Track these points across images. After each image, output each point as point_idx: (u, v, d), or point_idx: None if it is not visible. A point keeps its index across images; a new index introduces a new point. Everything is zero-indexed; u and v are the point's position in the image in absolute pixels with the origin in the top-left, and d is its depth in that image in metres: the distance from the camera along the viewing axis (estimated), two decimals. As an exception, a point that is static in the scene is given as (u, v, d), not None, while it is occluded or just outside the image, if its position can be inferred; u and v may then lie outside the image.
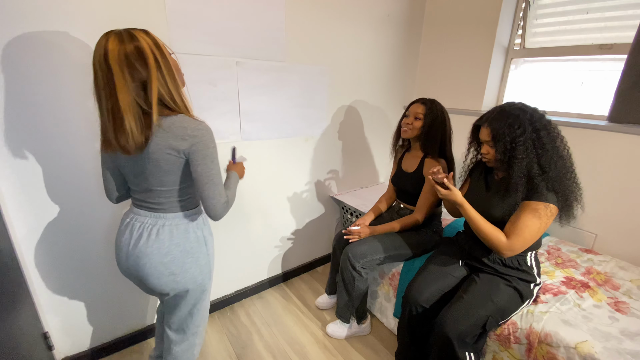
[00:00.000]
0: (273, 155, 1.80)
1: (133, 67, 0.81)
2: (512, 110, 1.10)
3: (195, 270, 1.01)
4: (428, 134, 1.47)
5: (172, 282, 0.98)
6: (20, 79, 1.07)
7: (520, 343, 1.14)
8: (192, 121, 0.90)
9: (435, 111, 1.47)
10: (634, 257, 1.51)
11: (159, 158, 0.89)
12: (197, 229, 1.02)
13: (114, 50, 0.79)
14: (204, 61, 1.41)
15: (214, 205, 0.94)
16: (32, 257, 1.25)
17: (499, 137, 1.09)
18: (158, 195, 0.96)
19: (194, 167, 0.91)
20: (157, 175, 0.92)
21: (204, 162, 0.91)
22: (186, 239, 0.99)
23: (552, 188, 1.08)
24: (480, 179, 1.33)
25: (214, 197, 0.94)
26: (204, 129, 0.91)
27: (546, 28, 1.83)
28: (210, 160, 0.92)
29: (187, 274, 1.00)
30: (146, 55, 0.82)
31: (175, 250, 0.97)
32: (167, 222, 0.97)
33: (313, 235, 2.20)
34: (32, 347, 1.20)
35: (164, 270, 0.96)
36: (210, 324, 1.76)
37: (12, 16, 1.02)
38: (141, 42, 0.82)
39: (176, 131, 0.88)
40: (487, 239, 1.15)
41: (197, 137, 0.89)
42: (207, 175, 0.92)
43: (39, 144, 1.16)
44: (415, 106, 1.50)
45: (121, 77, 0.80)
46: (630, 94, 1.44)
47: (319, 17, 1.73)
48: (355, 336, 1.69)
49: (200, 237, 1.03)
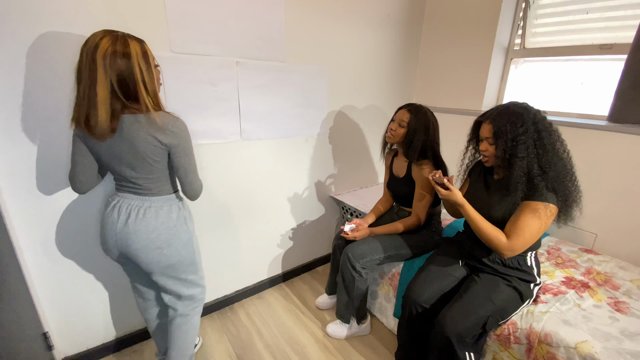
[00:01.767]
0: (273, 155, 1.80)
1: (117, 67, 0.91)
2: (516, 108, 1.10)
3: (179, 245, 1.15)
4: (410, 142, 1.47)
5: (158, 255, 1.11)
6: (21, 78, 1.07)
7: (520, 343, 1.14)
8: (171, 118, 1.02)
9: (420, 119, 1.46)
10: (634, 257, 1.51)
11: (146, 150, 1.01)
12: (179, 209, 1.16)
13: (104, 47, 0.89)
14: (204, 61, 1.41)
15: (193, 189, 1.14)
16: (32, 257, 1.24)
17: (501, 134, 1.09)
18: (144, 181, 1.08)
19: (176, 159, 1.06)
20: (144, 165, 1.04)
21: (185, 155, 1.07)
22: (169, 218, 1.12)
23: (552, 188, 1.08)
24: (479, 179, 1.33)
25: (194, 182, 1.13)
26: (181, 124, 1.05)
27: (546, 28, 1.83)
28: (190, 152, 1.09)
29: (172, 247, 1.13)
30: (132, 62, 0.92)
31: (161, 228, 1.10)
32: (152, 204, 1.09)
33: (313, 235, 2.20)
34: (32, 347, 1.20)
35: (151, 245, 1.08)
36: (210, 324, 1.76)
37: (12, 16, 1.02)
38: (130, 49, 0.92)
39: (160, 126, 0.99)
40: (487, 239, 1.15)
41: (177, 133, 1.03)
42: (187, 165, 1.09)
43: (38, 143, 1.16)
44: (401, 112, 1.50)
45: (103, 72, 0.89)
46: (630, 94, 1.44)
47: (319, 17, 1.73)
48: (355, 336, 1.69)
49: (182, 216, 1.17)
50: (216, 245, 1.74)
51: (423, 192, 1.49)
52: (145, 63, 0.95)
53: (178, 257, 1.16)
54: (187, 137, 1.07)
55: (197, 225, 1.61)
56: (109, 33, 0.92)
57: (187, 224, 1.19)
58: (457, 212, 1.37)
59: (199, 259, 1.28)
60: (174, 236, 1.13)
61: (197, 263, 1.26)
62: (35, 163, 1.17)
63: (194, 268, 1.25)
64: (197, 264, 1.27)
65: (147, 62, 0.96)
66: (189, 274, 1.24)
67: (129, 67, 0.92)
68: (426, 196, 1.50)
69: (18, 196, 1.16)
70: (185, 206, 1.22)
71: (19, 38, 1.04)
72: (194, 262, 1.24)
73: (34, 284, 1.27)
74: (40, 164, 1.17)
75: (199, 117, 1.46)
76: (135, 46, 0.94)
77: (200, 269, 1.30)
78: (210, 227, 1.68)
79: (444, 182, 1.17)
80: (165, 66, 1.30)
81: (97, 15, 1.15)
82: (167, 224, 1.11)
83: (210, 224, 1.67)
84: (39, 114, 1.13)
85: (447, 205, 1.37)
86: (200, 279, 1.31)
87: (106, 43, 0.89)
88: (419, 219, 1.54)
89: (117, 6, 1.18)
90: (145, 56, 0.96)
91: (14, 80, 1.07)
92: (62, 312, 1.37)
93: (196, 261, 1.25)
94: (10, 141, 1.11)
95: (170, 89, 1.35)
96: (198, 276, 1.29)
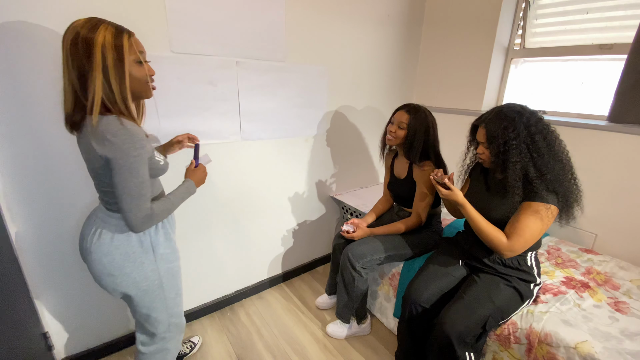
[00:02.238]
0: (273, 155, 1.80)
1: (75, 55, 0.79)
2: (509, 112, 1.10)
3: (138, 276, 0.97)
4: (411, 143, 1.47)
5: (112, 284, 0.96)
6: (21, 78, 1.07)
7: (520, 343, 1.14)
8: (116, 125, 0.82)
9: (420, 120, 1.45)
10: (634, 257, 1.51)
11: (90, 157, 0.87)
12: (144, 233, 0.98)
13: (71, 32, 0.79)
14: (204, 61, 1.41)
15: (129, 218, 0.88)
16: (32, 257, 1.24)
17: (493, 139, 1.10)
18: (103, 194, 0.95)
19: (112, 175, 0.85)
20: (97, 175, 0.91)
21: (120, 173, 0.84)
22: (128, 242, 0.95)
23: (552, 189, 1.08)
24: (480, 179, 1.33)
25: (130, 211, 0.87)
26: (124, 135, 0.82)
27: (546, 28, 1.83)
28: (127, 171, 0.84)
29: (128, 278, 0.96)
30: (93, 51, 0.79)
31: (115, 253, 0.94)
32: (113, 222, 0.95)
33: (313, 235, 2.20)
34: (32, 347, 1.20)
35: (103, 270, 0.94)
36: (210, 324, 1.76)
37: (11, 16, 1.02)
38: (96, 37, 0.79)
39: (99, 133, 0.82)
40: (487, 239, 1.15)
41: (114, 144, 0.82)
42: (123, 186, 0.85)
43: (38, 142, 1.16)
44: (400, 114, 1.49)
45: (65, 59, 0.81)
46: (630, 94, 1.44)
47: (319, 17, 1.73)
48: (355, 336, 1.69)
49: (147, 242, 0.98)
50: (216, 245, 1.74)
51: (425, 192, 1.49)
52: (115, 56, 0.81)
53: (135, 290, 0.98)
54: (129, 151, 0.83)
55: (198, 226, 1.62)
56: (89, 19, 0.82)
57: (154, 253, 1.00)
58: (457, 212, 1.37)
59: (171, 294, 1.07)
60: (132, 264, 0.96)
61: (165, 299, 1.05)
62: (35, 163, 1.16)
63: (161, 305, 1.05)
64: (166, 300, 1.06)
65: (119, 56, 0.82)
66: (153, 311, 1.04)
67: (90, 56, 0.79)
68: (428, 196, 1.50)
69: (18, 196, 1.16)
70: (158, 231, 1.02)
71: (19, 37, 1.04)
72: (162, 298, 1.04)
73: (34, 284, 1.27)
74: (40, 164, 1.17)
75: (199, 117, 1.46)
76: (106, 34, 0.80)
77: (173, 305, 1.09)
78: (210, 226, 1.68)
79: (445, 181, 1.17)
80: (165, 66, 1.31)
81: (97, 14, 1.14)
82: (123, 249, 0.94)
83: (210, 224, 1.67)
84: (39, 112, 1.13)
85: (447, 204, 1.37)
86: (167, 317, 1.08)
87: (74, 28, 0.79)
88: (420, 218, 1.54)
89: (117, 6, 1.18)
90: (117, 48, 0.81)
91: (14, 80, 1.07)
92: (62, 312, 1.37)
93: (165, 297, 1.05)
94: (10, 141, 1.11)
95: (170, 89, 1.35)
96: (166, 314, 1.07)
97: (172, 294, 1.08)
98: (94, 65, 0.79)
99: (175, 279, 1.09)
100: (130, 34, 0.87)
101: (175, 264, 1.09)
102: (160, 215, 0.95)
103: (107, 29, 0.81)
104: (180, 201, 1.04)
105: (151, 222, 0.92)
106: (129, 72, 0.85)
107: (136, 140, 0.84)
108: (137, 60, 0.87)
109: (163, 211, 0.96)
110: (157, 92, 1.30)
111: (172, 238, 1.08)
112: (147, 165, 0.89)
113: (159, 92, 1.32)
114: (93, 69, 0.79)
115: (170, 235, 1.07)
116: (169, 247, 1.05)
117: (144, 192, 0.88)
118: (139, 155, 0.85)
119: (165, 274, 1.04)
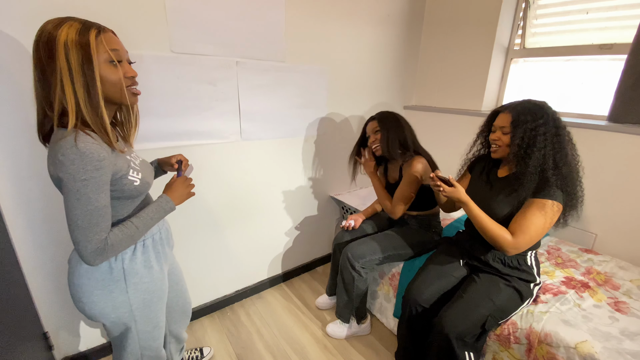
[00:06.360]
0: (273, 155, 1.80)
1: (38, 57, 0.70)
2: (537, 102, 1.13)
3: (107, 306, 0.87)
4: (387, 140, 1.50)
5: (82, 310, 0.88)
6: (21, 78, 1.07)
7: (520, 343, 1.14)
8: (68, 142, 0.70)
9: (387, 118, 1.53)
10: (634, 257, 1.51)
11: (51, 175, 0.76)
12: (115, 259, 0.86)
13: (39, 31, 0.71)
14: (204, 61, 1.41)
15: (79, 250, 0.76)
16: (32, 257, 1.24)
17: (520, 123, 1.10)
18: None
19: (64, 199, 0.73)
20: None
21: (67, 198, 0.72)
22: (97, 268, 0.84)
23: (561, 186, 1.09)
24: (482, 176, 1.32)
25: (79, 243, 0.75)
26: (73, 154, 0.69)
27: (546, 28, 1.83)
28: (74, 197, 0.72)
29: (96, 306, 0.86)
30: (54, 51, 0.69)
31: (84, 277, 0.84)
32: None
33: (313, 235, 2.20)
34: (32, 347, 1.20)
35: (75, 294, 0.86)
36: (211, 324, 1.76)
37: (12, 16, 1.02)
38: (58, 35, 0.69)
39: (53, 149, 0.72)
40: (491, 237, 1.14)
41: (64, 164, 0.70)
42: (70, 215, 0.73)
43: (38, 143, 1.15)
44: (370, 125, 1.58)
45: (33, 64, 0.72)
46: (630, 94, 1.44)
47: (319, 17, 1.73)
48: (355, 336, 1.69)
49: (118, 269, 0.87)
50: (216, 245, 1.74)
51: (404, 186, 1.49)
52: (80, 56, 0.70)
53: (105, 320, 0.89)
54: (76, 174, 0.70)
55: (197, 226, 1.62)
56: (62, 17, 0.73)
57: (125, 282, 0.88)
58: (450, 207, 1.36)
59: (147, 328, 0.96)
60: (100, 292, 0.85)
61: (137, 333, 0.95)
62: (33, 162, 1.16)
63: (131, 340, 0.95)
64: (138, 334, 0.95)
65: (86, 56, 0.71)
66: (123, 344, 0.96)
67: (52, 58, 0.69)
68: (406, 189, 1.49)
69: (18, 196, 1.16)
70: (136, 257, 0.89)
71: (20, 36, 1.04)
72: (133, 332, 0.94)
73: (34, 284, 1.27)
74: (38, 162, 1.17)
75: (199, 117, 1.46)
76: (69, 31, 0.69)
77: (148, 339, 0.98)
78: (210, 226, 1.68)
79: (448, 178, 1.16)
80: (165, 66, 1.31)
81: (97, 14, 1.14)
82: (92, 275, 0.84)
83: (210, 224, 1.67)
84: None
85: (440, 199, 1.37)
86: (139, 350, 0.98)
87: (42, 27, 0.70)
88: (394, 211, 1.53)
89: (117, 6, 1.18)
90: (83, 47, 0.70)
91: (14, 80, 1.07)
92: (62, 312, 1.36)
93: (137, 331, 0.94)
94: (9, 141, 1.11)
95: (170, 89, 1.35)
96: (137, 348, 0.97)
97: (148, 327, 0.96)
98: (56, 68, 0.69)
99: (152, 310, 0.96)
100: (102, 30, 0.75)
101: (156, 294, 0.96)
102: (118, 246, 0.81)
103: (72, 25, 0.71)
104: (150, 223, 0.88)
105: (105, 256, 0.79)
106: (100, 75, 0.73)
107: (87, 162, 0.70)
108: (109, 60, 0.75)
109: (122, 240, 0.81)
110: (157, 92, 1.32)
111: (154, 265, 0.94)
112: (103, 191, 0.75)
113: (159, 92, 1.33)
114: (55, 72, 0.69)
115: (151, 263, 0.93)
116: (147, 275, 0.92)
117: (95, 222, 0.75)
118: (89, 180, 0.71)
119: (139, 306, 0.92)
